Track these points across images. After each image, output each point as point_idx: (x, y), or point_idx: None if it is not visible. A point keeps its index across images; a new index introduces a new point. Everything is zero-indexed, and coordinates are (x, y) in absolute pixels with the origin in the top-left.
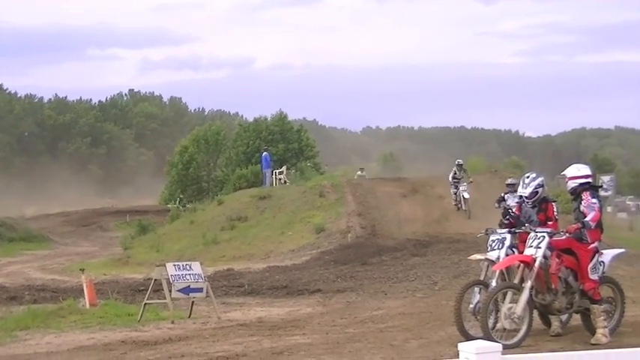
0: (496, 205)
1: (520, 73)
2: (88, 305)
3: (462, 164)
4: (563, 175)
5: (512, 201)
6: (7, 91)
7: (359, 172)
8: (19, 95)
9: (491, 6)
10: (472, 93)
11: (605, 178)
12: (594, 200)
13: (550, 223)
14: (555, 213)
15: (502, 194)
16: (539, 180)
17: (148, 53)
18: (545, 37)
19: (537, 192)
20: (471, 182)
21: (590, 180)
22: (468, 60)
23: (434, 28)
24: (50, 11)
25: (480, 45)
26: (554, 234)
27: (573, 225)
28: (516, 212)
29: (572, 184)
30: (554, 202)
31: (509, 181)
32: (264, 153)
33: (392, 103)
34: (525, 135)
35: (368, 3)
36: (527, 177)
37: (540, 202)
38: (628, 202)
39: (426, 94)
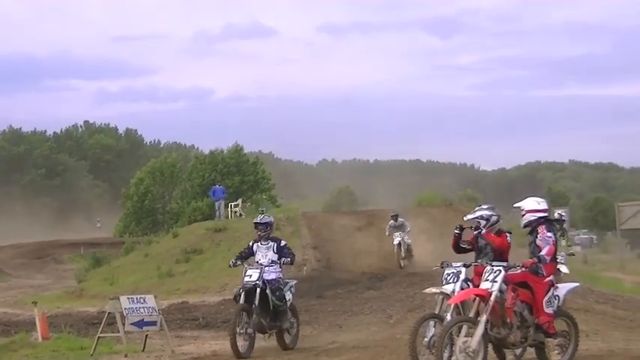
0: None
1: (476, 107)
2: (40, 339)
3: (396, 215)
4: (520, 207)
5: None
6: None
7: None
8: None
9: (447, 40)
10: (428, 126)
11: (560, 212)
12: (550, 234)
13: (504, 251)
14: (508, 239)
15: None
16: (484, 212)
17: (104, 84)
18: (500, 71)
19: (478, 221)
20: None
21: (546, 214)
22: (423, 93)
23: (389, 61)
24: (6, 40)
25: (435, 78)
26: (510, 267)
27: (529, 259)
28: (471, 241)
29: (529, 217)
30: (510, 232)
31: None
32: (219, 186)
33: (348, 136)
34: (480, 168)
35: (323, 36)
36: (480, 205)
37: (495, 234)
38: (582, 236)
39: (382, 127)
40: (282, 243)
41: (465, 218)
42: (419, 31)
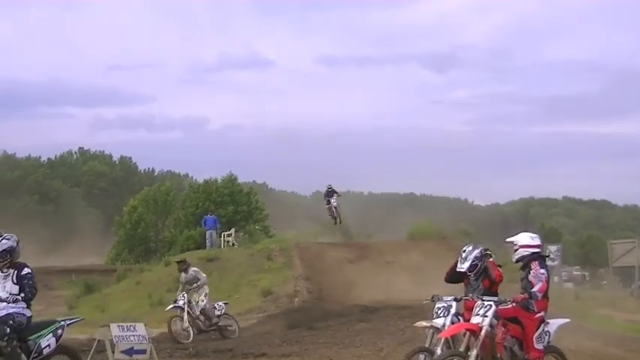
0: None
1: (470, 141)
2: None
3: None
4: (513, 241)
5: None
6: None
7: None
8: None
9: (443, 75)
10: (422, 160)
11: (552, 248)
12: (542, 271)
13: (495, 285)
14: (501, 274)
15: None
16: (475, 252)
17: (99, 112)
18: (495, 107)
19: (476, 265)
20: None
21: (540, 250)
22: (418, 127)
23: (385, 94)
24: (1, 66)
25: (430, 112)
26: (501, 303)
27: (520, 295)
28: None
29: (522, 252)
30: (500, 266)
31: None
32: (210, 215)
33: (342, 168)
34: (474, 203)
35: (320, 68)
36: (464, 251)
37: (484, 271)
38: (575, 273)
39: (377, 160)
40: (24, 271)
41: (460, 269)
42: (415, 66)
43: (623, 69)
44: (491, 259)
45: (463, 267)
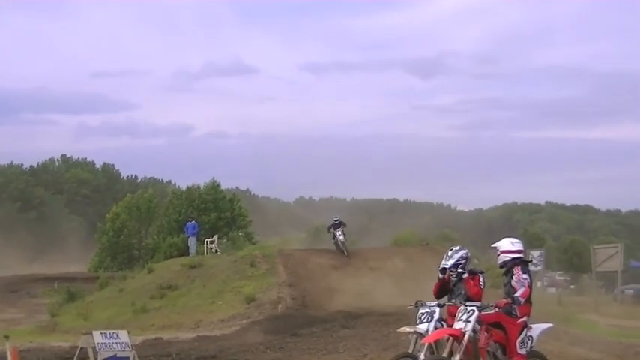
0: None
1: (454, 147)
2: None
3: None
4: (495, 247)
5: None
6: None
7: None
8: None
9: (427, 81)
10: (406, 165)
11: (535, 253)
12: (525, 276)
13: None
14: (482, 284)
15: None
16: (462, 252)
17: (83, 119)
18: (479, 113)
19: (460, 264)
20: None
21: (521, 255)
22: (402, 132)
23: (370, 100)
24: None
25: (415, 118)
26: (484, 308)
27: (503, 299)
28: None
29: (504, 257)
30: (482, 272)
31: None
32: (191, 222)
33: (325, 174)
34: (457, 208)
35: (304, 74)
36: (451, 249)
37: (468, 274)
38: (557, 278)
39: (360, 166)
40: None
41: (444, 266)
42: (399, 72)
43: (608, 75)
44: (465, 275)
45: (447, 264)
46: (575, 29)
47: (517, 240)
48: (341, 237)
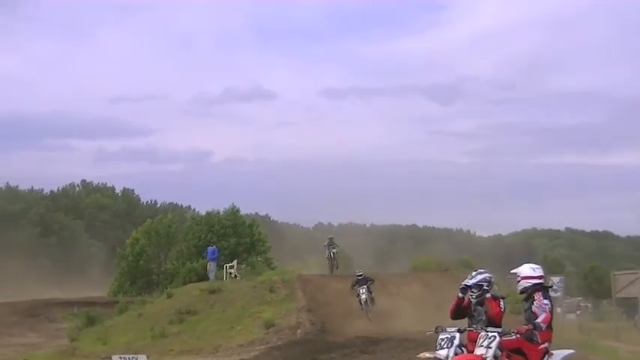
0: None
1: (472, 173)
2: None
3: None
4: (516, 273)
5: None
6: None
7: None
8: None
9: (445, 106)
10: (424, 191)
11: (555, 279)
12: (546, 301)
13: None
14: (502, 307)
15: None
16: (485, 275)
17: (102, 144)
18: (497, 138)
19: (481, 285)
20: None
21: (542, 281)
22: (421, 158)
23: (388, 126)
24: (4, 99)
25: (433, 144)
26: (505, 334)
27: (524, 326)
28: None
29: (525, 283)
30: (503, 298)
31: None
32: (211, 247)
33: (344, 200)
34: (476, 234)
35: (323, 100)
36: (476, 271)
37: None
38: (579, 304)
39: (379, 191)
40: None
41: (466, 284)
42: (417, 97)
43: (626, 100)
44: (488, 295)
45: (469, 282)
46: (593, 55)
47: (537, 266)
48: (364, 296)
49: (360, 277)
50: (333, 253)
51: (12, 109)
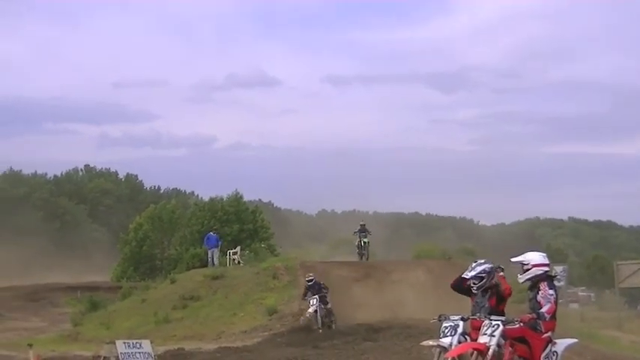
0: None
1: (476, 161)
2: None
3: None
4: (523, 261)
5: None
6: None
7: None
8: None
9: (448, 95)
10: (428, 179)
11: (558, 269)
12: (551, 292)
13: (503, 302)
14: (511, 288)
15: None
16: (485, 266)
17: (106, 129)
18: (500, 127)
19: (483, 277)
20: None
21: (548, 269)
22: (424, 146)
23: (391, 113)
24: (7, 84)
25: (436, 132)
26: (509, 322)
27: (528, 315)
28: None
29: (536, 271)
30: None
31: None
32: (210, 233)
33: (348, 187)
34: (480, 223)
35: (326, 86)
36: (476, 262)
37: (491, 288)
38: (580, 293)
39: (383, 179)
40: None
41: (465, 276)
42: (421, 85)
43: (630, 90)
44: (501, 274)
45: (469, 274)
46: (596, 44)
47: (544, 254)
48: (312, 308)
49: (310, 284)
50: (364, 242)
51: (15, 93)
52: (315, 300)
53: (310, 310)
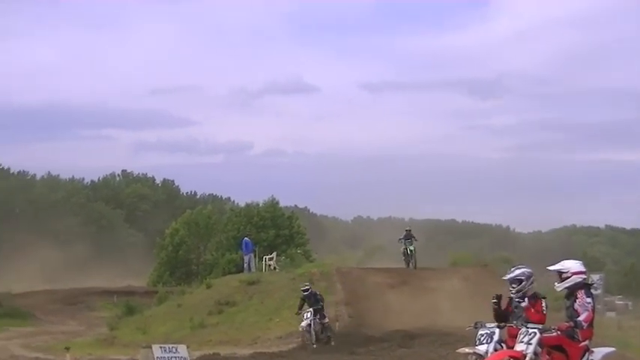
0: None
1: (512, 169)
2: None
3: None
4: (561, 269)
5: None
6: (1, 167)
7: None
8: (11, 171)
9: (483, 102)
10: (464, 186)
11: (595, 277)
12: (589, 300)
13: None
14: (544, 309)
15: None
16: (524, 270)
17: (143, 135)
18: (536, 134)
19: (520, 280)
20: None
21: (585, 277)
22: (460, 153)
23: (428, 120)
24: (46, 89)
25: (472, 139)
26: (546, 330)
27: (565, 323)
28: (509, 309)
29: (576, 278)
30: (544, 298)
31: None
32: (245, 238)
33: (384, 194)
34: (516, 231)
35: (362, 93)
36: (515, 266)
37: (530, 298)
38: (617, 302)
39: (419, 186)
40: None
41: (504, 278)
42: (457, 92)
43: None
44: (543, 304)
45: (507, 276)
46: (632, 50)
47: (580, 262)
48: (305, 323)
49: (305, 293)
50: (410, 250)
51: (53, 99)
52: (309, 314)
53: (303, 324)
